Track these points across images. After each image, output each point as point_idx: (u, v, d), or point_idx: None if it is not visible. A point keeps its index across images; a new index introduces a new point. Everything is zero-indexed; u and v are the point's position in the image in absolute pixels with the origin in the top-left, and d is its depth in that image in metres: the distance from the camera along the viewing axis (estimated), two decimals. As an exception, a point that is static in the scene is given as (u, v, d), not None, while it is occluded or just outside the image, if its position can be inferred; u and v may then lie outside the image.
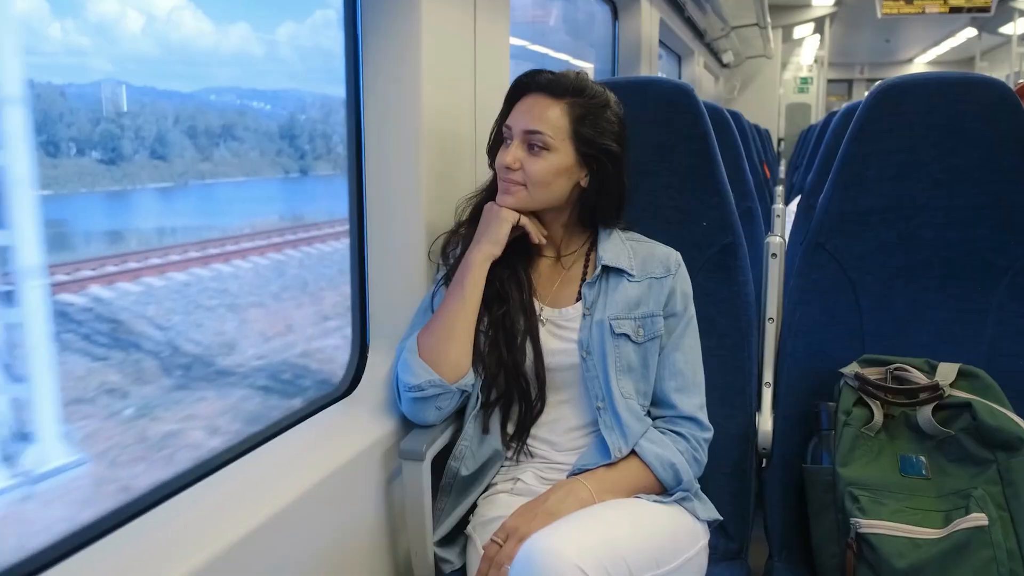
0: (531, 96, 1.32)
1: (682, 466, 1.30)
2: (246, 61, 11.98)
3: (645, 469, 1.29)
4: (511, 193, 1.33)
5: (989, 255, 1.50)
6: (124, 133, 9.16)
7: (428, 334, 1.33)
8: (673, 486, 1.30)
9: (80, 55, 9.45)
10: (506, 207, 1.34)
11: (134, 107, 9.22)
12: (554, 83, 1.31)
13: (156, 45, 10.21)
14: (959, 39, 11.85)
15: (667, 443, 1.32)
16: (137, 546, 1.01)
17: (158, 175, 9.61)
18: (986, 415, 1.30)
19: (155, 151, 9.60)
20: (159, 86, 10.27)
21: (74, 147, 8.77)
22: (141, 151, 9.41)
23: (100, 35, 9.70)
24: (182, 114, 10.02)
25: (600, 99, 1.33)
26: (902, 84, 1.54)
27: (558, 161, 1.31)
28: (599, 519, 1.19)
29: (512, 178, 1.32)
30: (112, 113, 9.01)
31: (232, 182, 10.47)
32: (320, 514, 1.24)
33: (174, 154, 9.74)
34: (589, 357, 1.34)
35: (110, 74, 9.89)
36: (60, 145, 8.64)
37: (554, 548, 1.06)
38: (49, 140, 8.49)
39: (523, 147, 1.31)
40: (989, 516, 1.23)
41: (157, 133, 9.55)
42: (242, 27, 12.16)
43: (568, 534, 1.10)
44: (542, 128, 1.29)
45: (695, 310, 1.41)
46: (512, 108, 1.34)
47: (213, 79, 12.03)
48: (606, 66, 4.36)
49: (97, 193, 8.81)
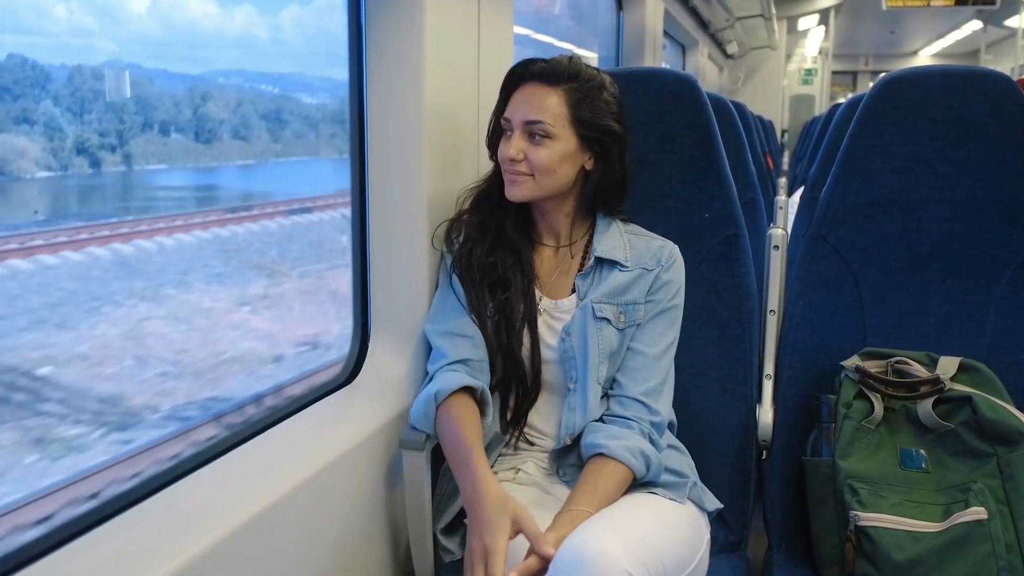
0: (527, 86, 1.32)
1: (650, 451, 1.28)
2: (250, 44, 12.20)
3: (620, 466, 1.25)
4: (518, 184, 1.33)
5: (992, 248, 1.50)
6: (211, 116, 10.39)
7: (442, 442, 1.31)
8: (645, 473, 1.27)
9: (85, 35, 9.84)
10: (515, 199, 1.34)
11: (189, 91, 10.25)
12: (549, 71, 1.31)
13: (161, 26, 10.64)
14: (964, 32, 11.80)
15: (626, 433, 1.29)
16: (139, 531, 1.01)
17: (241, 154, 11.01)
18: (987, 409, 1.30)
19: (238, 133, 10.91)
20: (170, 68, 10.93)
21: (170, 128, 9.93)
22: (225, 133, 10.67)
23: (104, 16, 10.02)
24: (243, 98, 11.18)
25: (595, 81, 1.33)
26: (907, 77, 1.54)
27: (561, 148, 1.31)
28: (633, 518, 1.19)
29: (518, 169, 1.31)
30: (198, 98, 10.19)
31: (298, 160, 11.86)
32: (320, 503, 1.24)
33: (253, 135, 11.09)
34: (568, 338, 1.34)
35: (117, 55, 10.44)
36: (153, 126, 9.77)
37: (604, 549, 1.04)
38: (147, 122, 9.57)
39: (525, 138, 1.31)
40: (988, 510, 1.24)
41: (239, 117, 10.89)
42: (247, 9, 12.32)
43: (614, 534, 1.09)
44: (542, 117, 1.29)
45: (698, 300, 1.41)
46: (509, 99, 1.34)
47: (217, 62, 12.39)
48: (610, 55, 4.35)
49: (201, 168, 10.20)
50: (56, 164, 8.47)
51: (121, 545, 0.98)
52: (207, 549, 1.00)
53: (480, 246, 1.39)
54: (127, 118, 9.32)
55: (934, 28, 12.49)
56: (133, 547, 0.98)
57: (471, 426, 1.27)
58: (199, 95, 10.45)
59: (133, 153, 9.13)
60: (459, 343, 1.36)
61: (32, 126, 8.64)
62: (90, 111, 9.08)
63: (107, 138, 9.06)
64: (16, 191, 8.20)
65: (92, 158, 8.97)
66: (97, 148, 8.80)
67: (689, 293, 1.42)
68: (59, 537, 0.96)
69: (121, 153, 9.14)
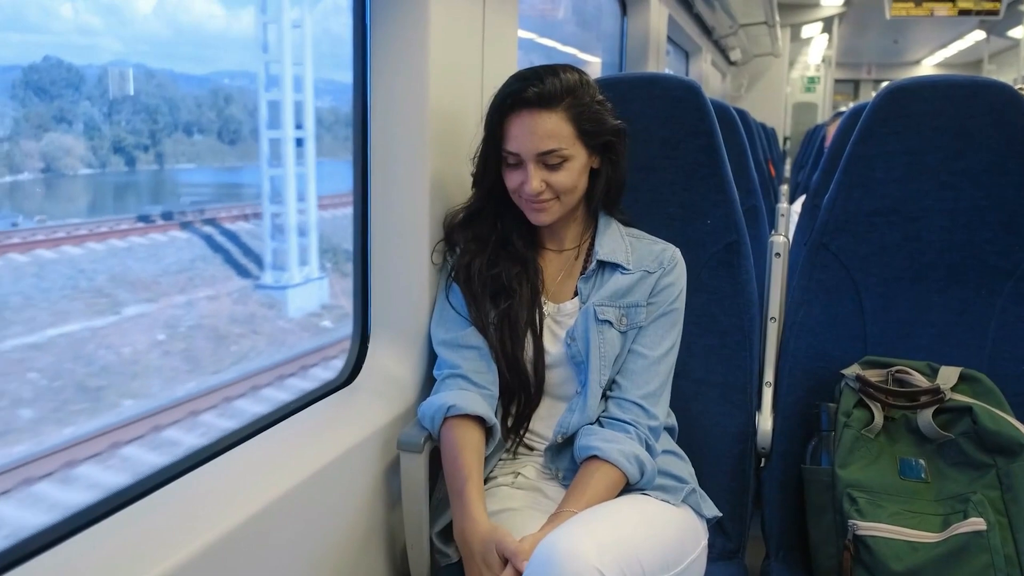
0: (524, 115, 1.28)
1: (645, 457, 1.28)
2: (253, 45, 12.47)
3: (613, 469, 1.25)
4: (545, 211, 1.32)
5: (993, 258, 1.50)
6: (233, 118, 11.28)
7: (442, 451, 1.32)
8: (638, 478, 1.27)
9: (91, 34, 10.12)
10: (544, 224, 1.35)
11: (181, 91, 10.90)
12: (544, 95, 1.26)
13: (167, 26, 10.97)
14: (967, 42, 11.80)
15: (621, 437, 1.28)
16: (135, 531, 1.01)
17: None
18: (987, 420, 1.30)
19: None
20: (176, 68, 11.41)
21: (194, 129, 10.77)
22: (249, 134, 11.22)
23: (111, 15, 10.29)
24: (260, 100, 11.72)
25: (584, 87, 1.31)
26: (910, 86, 1.54)
27: (578, 165, 1.31)
28: (612, 518, 1.18)
29: (543, 199, 1.31)
30: (221, 101, 11.05)
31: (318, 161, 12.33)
32: (317, 504, 1.24)
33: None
34: (574, 343, 1.34)
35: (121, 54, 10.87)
36: (180, 127, 10.63)
37: (574, 549, 1.04)
38: (173, 123, 10.41)
39: (541, 168, 1.29)
40: (987, 521, 1.23)
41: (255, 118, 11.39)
42: (251, 11, 12.55)
43: (586, 534, 1.09)
44: (555, 145, 1.28)
45: (699, 307, 1.41)
46: (506, 130, 1.30)
47: (221, 62, 12.68)
48: (614, 60, 4.35)
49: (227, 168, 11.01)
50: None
51: (118, 543, 0.98)
52: (204, 548, 1.00)
53: (480, 258, 1.38)
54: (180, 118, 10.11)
55: (937, 38, 12.50)
56: (130, 545, 0.98)
57: (474, 452, 1.28)
58: (222, 97, 10.89)
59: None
60: (467, 355, 1.36)
61: (70, 125, 9.02)
62: (120, 111, 9.51)
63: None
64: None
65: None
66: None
67: (690, 299, 1.41)
68: (56, 534, 0.96)
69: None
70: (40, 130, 8.91)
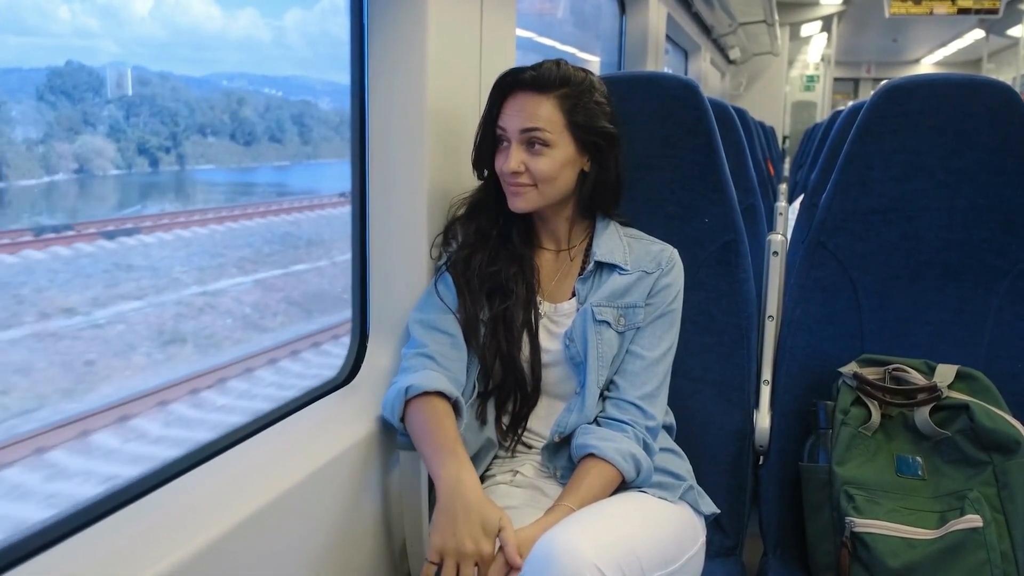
0: (518, 95, 1.31)
1: (641, 456, 1.28)
2: (253, 47, 12.61)
3: (609, 467, 1.25)
4: (521, 196, 1.32)
5: (990, 257, 1.50)
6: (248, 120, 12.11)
7: (413, 434, 1.29)
8: (634, 477, 1.27)
9: (88, 37, 10.29)
10: (519, 210, 1.34)
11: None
12: (539, 79, 1.29)
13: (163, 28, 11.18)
14: (966, 40, 11.81)
15: (618, 436, 1.28)
16: (134, 530, 1.01)
17: (277, 155, 12.69)
18: (983, 417, 1.30)
19: (273, 136, 12.63)
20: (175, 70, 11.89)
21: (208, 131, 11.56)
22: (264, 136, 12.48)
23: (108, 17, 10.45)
24: (271, 103, 12.78)
25: (586, 84, 1.32)
26: (908, 85, 1.54)
27: (560, 155, 1.31)
28: (610, 516, 1.18)
29: (520, 181, 1.31)
30: (235, 103, 11.76)
31: (326, 162, 13.43)
32: (317, 503, 1.24)
33: (287, 138, 12.79)
34: (572, 344, 1.34)
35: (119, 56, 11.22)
36: (194, 129, 11.40)
37: (572, 547, 1.04)
38: (189, 125, 11.17)
39: (523, 148, 1.30)
40: (984, 518, 1.24)
41: (274, 120, 12.66)
42: (249, 12, 12.72)
43: (584, 532, 1.09)
44: (539, 124, 1.29)
45: (697, 305, 1.41)
46: (500, 110, 1.33)
47: (220, 64, 12.91)
48: (612, 59, 4.35)
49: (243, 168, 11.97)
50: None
51: (118, 543, 0.98)
52: (202, 548, 1.00)
53: (481, 254, 1.38)
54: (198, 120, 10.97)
55: (936, 37, 12.50)
56: (129, 545, 0.98)
57: (451, 421, 1.27)
58: (235, 100, 11.60)
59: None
60: (438, 338, 1.35)
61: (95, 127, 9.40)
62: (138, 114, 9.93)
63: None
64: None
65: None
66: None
67: (688, 298, 1.42)
68: (52, 535, 0.96)
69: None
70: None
